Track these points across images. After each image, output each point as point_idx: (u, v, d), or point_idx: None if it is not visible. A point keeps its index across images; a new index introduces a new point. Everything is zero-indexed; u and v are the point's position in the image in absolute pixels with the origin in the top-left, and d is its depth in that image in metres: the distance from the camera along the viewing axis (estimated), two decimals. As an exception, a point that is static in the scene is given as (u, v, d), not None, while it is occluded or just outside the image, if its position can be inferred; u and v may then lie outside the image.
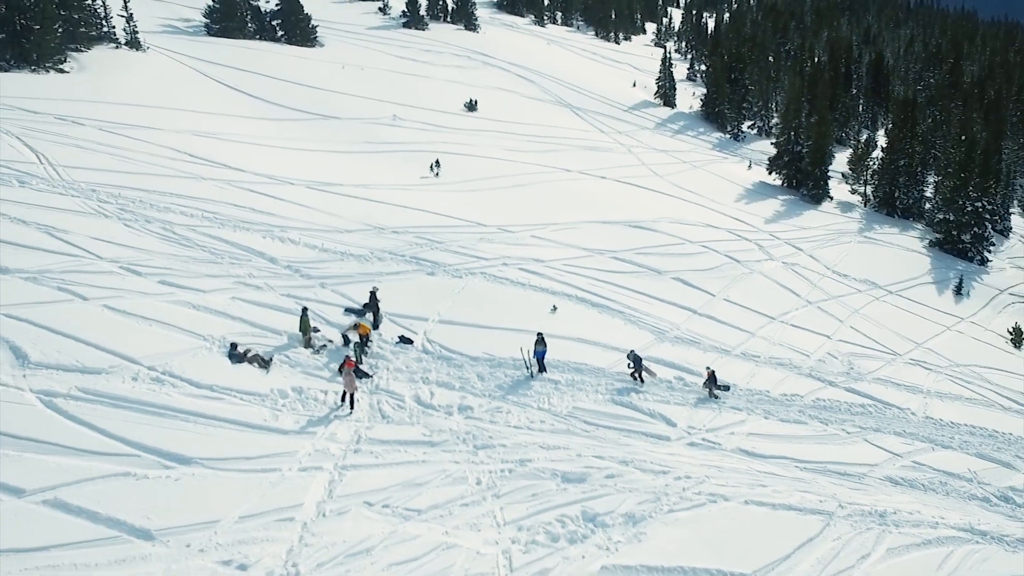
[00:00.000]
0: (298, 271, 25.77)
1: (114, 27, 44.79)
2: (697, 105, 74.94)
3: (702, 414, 22.66)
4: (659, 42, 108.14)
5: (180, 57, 46.81)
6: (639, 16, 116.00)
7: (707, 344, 27.67)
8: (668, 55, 74.93)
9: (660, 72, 73.45)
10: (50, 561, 13.03)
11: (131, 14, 44.41)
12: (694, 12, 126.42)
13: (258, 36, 56.82)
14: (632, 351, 24.17)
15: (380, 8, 76.04)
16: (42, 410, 16.45)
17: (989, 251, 50.59)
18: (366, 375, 21.16)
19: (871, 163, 58.20)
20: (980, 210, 49.66)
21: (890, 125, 68.18)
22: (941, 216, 51.11)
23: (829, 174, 56.28)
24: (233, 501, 15.32)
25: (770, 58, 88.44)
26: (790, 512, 18.71)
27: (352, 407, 19.45)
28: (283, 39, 57.69)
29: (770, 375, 26.50)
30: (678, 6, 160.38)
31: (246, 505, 15.26)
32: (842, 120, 75.70)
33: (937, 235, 51.30)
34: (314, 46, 58.84)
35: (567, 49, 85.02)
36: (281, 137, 40.26)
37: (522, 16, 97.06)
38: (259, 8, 58.25)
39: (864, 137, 70.18)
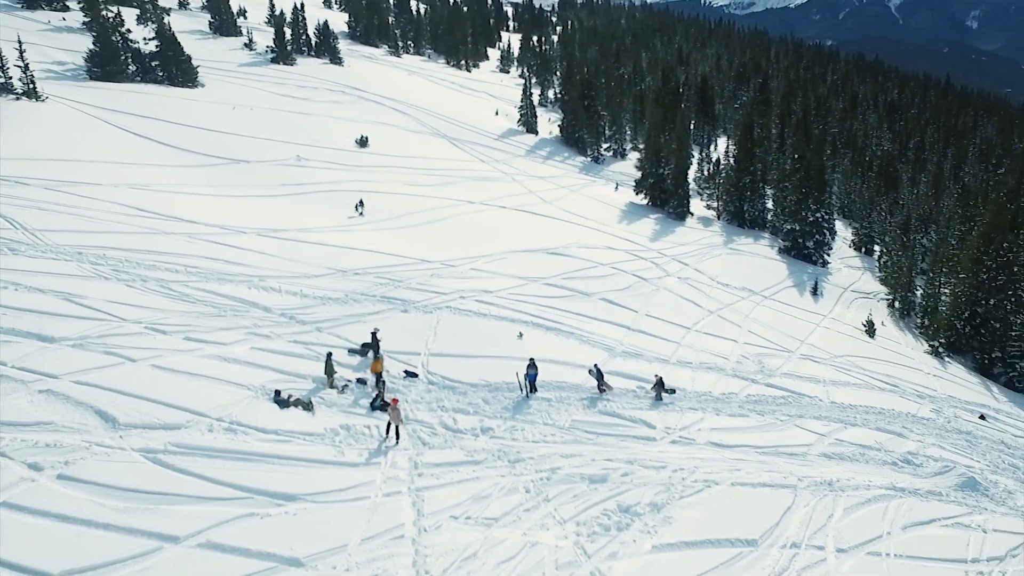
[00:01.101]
0: (293, 318, 27.78)
1: (11, 77, 43.65)
2: (556, 131, 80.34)
3: (671, 416, 26.87)
4: (503, 68, 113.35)
5: (79, 106, 46.13)
6: (478, 42, 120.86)
7: (649, 355, 32.05)
8: (528, 86, 79.78)
9: (521, 101, 78.20)
10: (230, 593, 15.17)
11: (27, 63, 43.53)
12: (532, 39, 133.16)
13: (139, 78, 56.31)
14: (595, 365, 28.15)
15: (245, 44, 76.19)
16: (151, 466, 18.13)
17: (828, 255, 58.70)
18: (381, 408, 23.74)
19: (720, 181, 65.56)
20: (819, 220, 57.64)
21: (729, 144, 76.09)
22: (788, 226, 58.71)
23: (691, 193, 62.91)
24: (348, 527, 17.75)
25: (612, 83, 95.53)
26: (765, 488, 23.20)
27: (398, 438, 22.06)
28: (165, 80, 57.44)
29: (706, 378, 31.21)
30: (508, 29, 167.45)
31: (361, 529, 17.74)
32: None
33: (785, 243, 58.90)
34: (196, 87, 58.93)
35: (427, 79, 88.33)
36: (206, 184, 41.15)
37: (377, 47, 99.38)
38: (139, 50, 57.65)
39: (714, 156, 77.98)
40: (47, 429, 18.16)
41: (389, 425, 22.17)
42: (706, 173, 71.11)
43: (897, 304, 52.92)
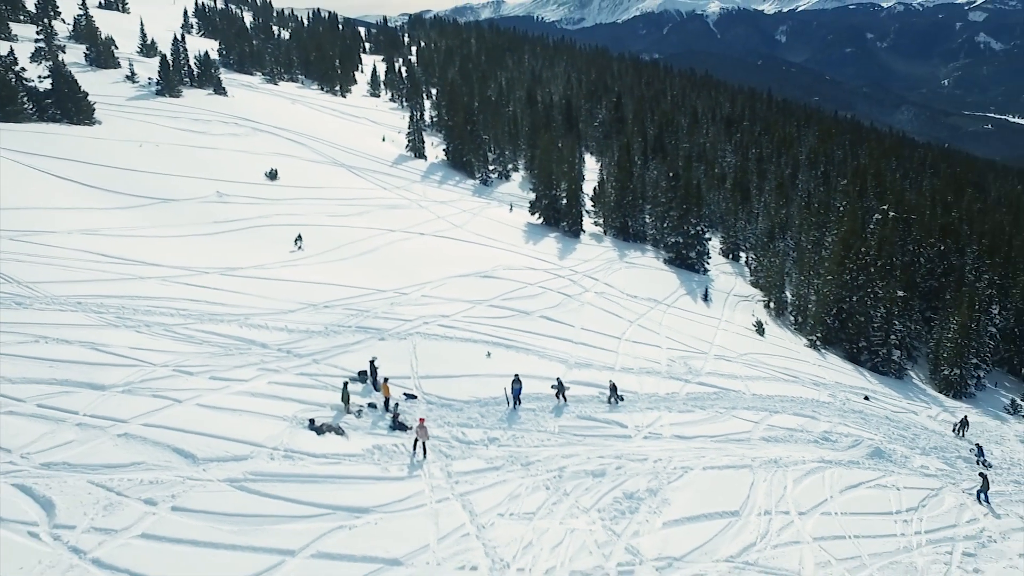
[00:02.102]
0: (290, 352, 29.93)
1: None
2: (441, 155, 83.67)
3: (636, 416, 31.07)
4: (373, 92, 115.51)
5: (-7, 151, 45.57)
6: (345, 67, 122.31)
7: (597, 364, 36.20)
8: (415, 112, 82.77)
9: (409, 127, 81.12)
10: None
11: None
12: (395, 61, 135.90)
13: (36, 117, 55.23)
14: (558, 378, 32.00)
15: (127, 76, 74.93)
16: (241, 493, 20.33)
17: (708, 264, 65.25)
18: (406, 427, 26.63)
19: (608, 199, 71.10)
20: (699, 232, 64.08)
21: (596, 161, 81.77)
22: (672, 239, 64.81)
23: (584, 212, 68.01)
24: (422, 530, 20.64)
25: (484, 106, 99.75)
26: (729, 469, 27.74)
27: (425, 453, 24.99)
28: (63, 119, 56.55)
29: (648, 381, 35.66)
30: (364, 51, 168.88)
31: (433, 531, 20.67)
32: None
33: (670, 254, 64.97)
34: (93, 124, 58.28)
35: (310, 107, 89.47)
36: (147, 225, 41.89)
37: (252, 75, 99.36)
38: (35, 88, 56.45)
39: (585, 174, 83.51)
40: (141, 468, 20.01)
41: (416, 442, 25.04)
42: (597, 192, 76.52)
43: (772, 305, 59.81)
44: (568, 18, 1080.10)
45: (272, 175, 58.15)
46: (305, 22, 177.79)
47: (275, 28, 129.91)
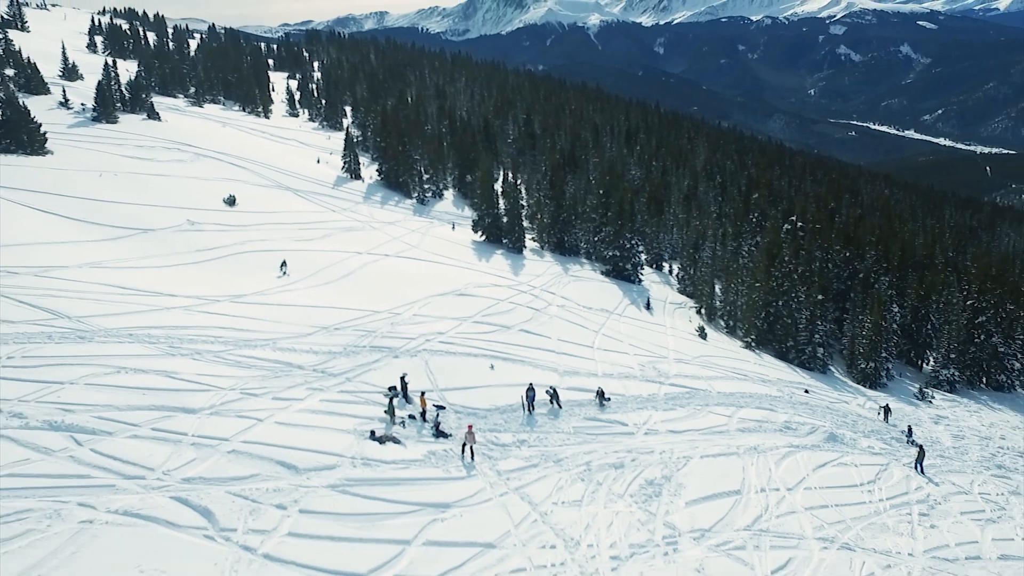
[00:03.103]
0: (324, 372, 32.77)
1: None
2: (375, 175, 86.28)
3: (632, 416, 35.39)
4: (292, 112, 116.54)
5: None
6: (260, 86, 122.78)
7: (584, 372, 40.37)
8: (350, 134, 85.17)
9: (345, 149, 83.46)
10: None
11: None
12: (308, 78, 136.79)
13: (-11, 149, 55.22)
14: (552, 386, 35.98)
15: (61, 103, 74.39)
16: (345, 496, 23.34)
17: (642, 274, 70.61)
18: (446, 435, 30.05)
19: (543, 216, 75.57)
20: (634, 246, 69.38)
21: (540, 180, 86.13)
22: (609, 253, 69.83)
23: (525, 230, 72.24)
24: (498, 520, 24.17)
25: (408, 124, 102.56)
26: (721, 457, 32.39)
27: (473, 456, 28.50)
28: (17, 150, 56.58)
29: (630, 385, 40.06)
30: (269, 68, 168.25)
31: (508, 519, 24.19)
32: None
33: (607, 267, 69.98)
34: (46, 154, 58.52)
35: (240, 130, 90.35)
36: (139, 256, 43.40)
37: (176, 97, 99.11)
38: (-12, 121, 56.32)
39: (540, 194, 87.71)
40: (260, 479, 22.83)
41: (464, 446, 28.53)
42: (533, 210, 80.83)
43: (703, 311, 65.55)
44: (453, 29, 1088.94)
45: (231, 201, 59.80)
46: (201, 39, 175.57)
47: (190, 43, 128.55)
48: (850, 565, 24.89)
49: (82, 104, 75.48)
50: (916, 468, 35.65)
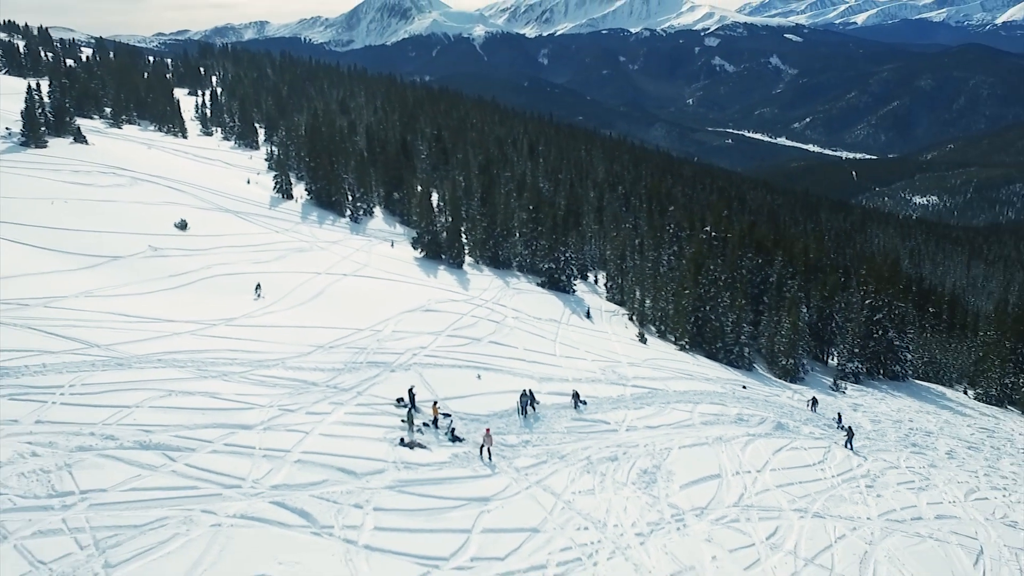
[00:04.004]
0: (336, 387, 35.38)
1: None
2: (304, 195, 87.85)
3: (611, 415, 39.47)
4: (206, 131, 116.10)
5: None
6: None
7: (557, 378, 44.23)
8: (280, 155, 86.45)
9: (277, 170, 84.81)
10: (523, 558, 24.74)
11: None
12: (214, 96, 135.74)
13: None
14: (529, 390, 39.67)
15: (-15, 128, 73.07)
16: (403, 495, 26.31)
17: (575, 285, 75.19)
18: (460, 439, 33.32)
19: (477, 232, 79.20)
20: (568, 259, 73.90)
21: (476, 199, 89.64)
22: (546, 265, 74.10)
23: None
24: (534, 509, 27.65)
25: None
26: (696, 447, 36.82)
27: (491, 456, 31.88)
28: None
29: (599, 388, 44.16)
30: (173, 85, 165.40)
31: (541, 508, 27.76)
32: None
33: (543, 279, 74.23)
34: (-13, 181, 58.12)
35: (164, 151, 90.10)
36: (121, 284, 44.35)
37: (92, 118, 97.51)
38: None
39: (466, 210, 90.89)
40: (330, 484, 25.60)
41: (482, 447, 31.89)
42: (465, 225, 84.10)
43: (635, 317, 70.63)
44: (336, 40, 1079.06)
45: (182, 226, 60.85)
46: (93, 53, 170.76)
47: (81, 58, 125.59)
48: (824, 529, 29.63)
49: (7, 129, 74.28)
50: (847, 447, 41.19)
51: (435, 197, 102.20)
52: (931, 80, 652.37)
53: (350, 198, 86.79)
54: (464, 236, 79.81)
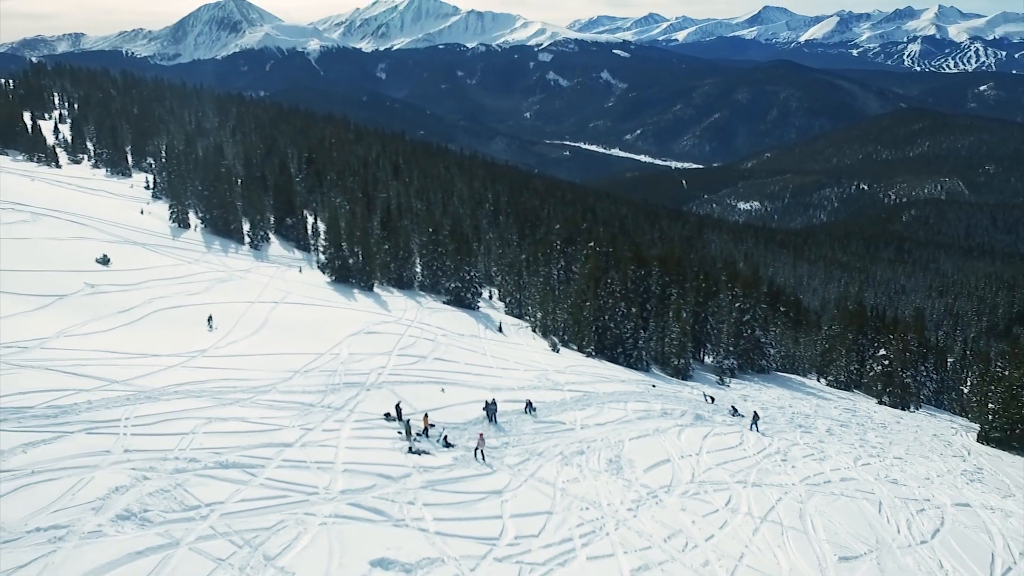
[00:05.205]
0: (330, 407, 39.04)
1: None
2: (199, 224, 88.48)
3: (564, 416, 45.12)
4: (73, 158, 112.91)
5: None
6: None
7: (506, 388, 49.44)
8: (167, 183, 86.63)
9: (173, 199, 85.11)
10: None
11: None
12: (67, 119, 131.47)
13: None
14: (492, 400, 44.91)
15: None
16: (437, 492, 30.89)
17: (480, 301, 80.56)
18: (452, 445, 37.97)
19: (381, 255, 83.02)
20: (472, 277, 79.20)
21: (376, 222, 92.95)
22: (452, 284, 79.03)
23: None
24: (540, 497, 32.76)
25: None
26: (642, 438, 43.05)
27: (484, 457, 36.72)
28: None
29: (541, 394, 49.66)
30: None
31: (544, 495, 33.03)
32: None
33: (448, 297, 79.14)
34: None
35: (49, 183, 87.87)
36: (83, 322, 45.30)
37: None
38: None
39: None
40: (379, 488, 29.73)
41: (477, 450, 36.72)
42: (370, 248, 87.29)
43: (538, 329, 76.82)
44: (162, 54, 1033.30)
45: (104, 261, 61.47)
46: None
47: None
48: (764, 495, 36.49)
49: None
50: (753, 429, 48.85)
51: (317, 222, 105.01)
52: (747, 94, 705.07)
53: (247, 226, 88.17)
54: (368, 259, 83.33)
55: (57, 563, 19.49)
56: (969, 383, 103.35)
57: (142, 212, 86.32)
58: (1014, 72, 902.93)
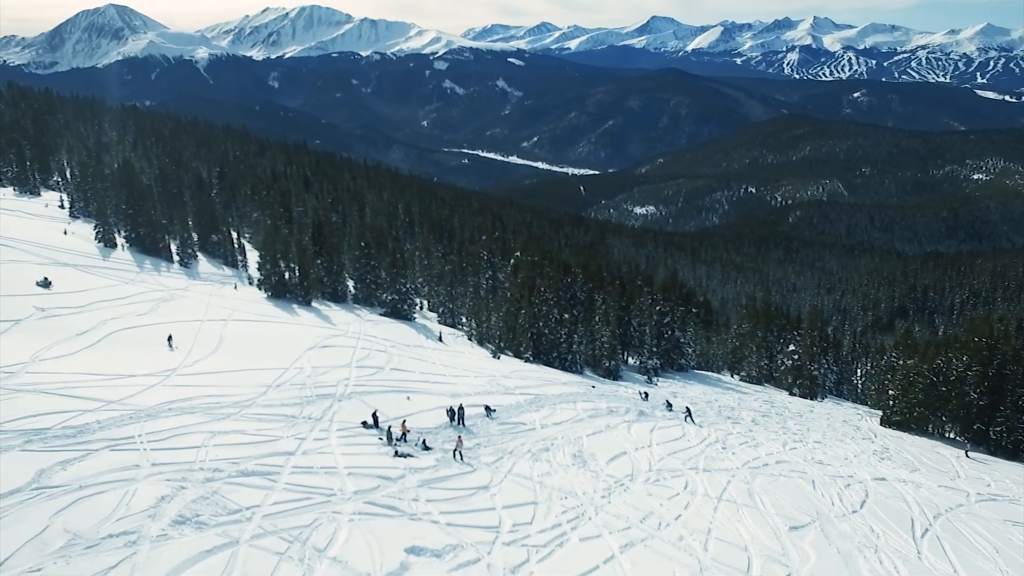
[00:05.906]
0: (310, 418, 41.25)
1: None
2: (124, 243, 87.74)
3: (523, 418, 48.50)
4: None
5: None
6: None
7: (463, 394, 52.39)
8: (97, 204, 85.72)
9: (98, 219, 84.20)
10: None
11: None
12: None
13: None
14: (460, 405, 47.97)
15: None
16: (432, 489, 33.78)
17: (416, 312, 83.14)
18: (430, 448, 40.83)
19: (316, 270, 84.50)
20: (408, 289, 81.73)
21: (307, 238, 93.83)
22: (388, 296, 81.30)
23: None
24: (523, 489, 35.93)
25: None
26: (596, 435, 46.86)
27: (462, 457, 39.70)
28: None
29: (496, 399, 52.81)
30: None
31: (530, 488, 36.30)
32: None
33: (386, 309, 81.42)
34: None
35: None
36: (50, 344, 45.72)
37: None
38: None
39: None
40: (383, 488, 32.35)
41: (455, 451, 39.69)
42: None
43: (473, 337, 79.98)
44: (37, 62, 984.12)
45: (45, 284, 61.31)
46: None
47: None
48: (715, 478, 40.84)
49: None
50: (689, 421, 53.47)
51: (241, 238, 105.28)
52: (639, 101, 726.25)
53: (174, 244, 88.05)
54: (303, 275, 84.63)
55: (142, 564, 21.64)
56: (859, 373, 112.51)
57: (65, 232, 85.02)
58: (883, 80, 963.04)
